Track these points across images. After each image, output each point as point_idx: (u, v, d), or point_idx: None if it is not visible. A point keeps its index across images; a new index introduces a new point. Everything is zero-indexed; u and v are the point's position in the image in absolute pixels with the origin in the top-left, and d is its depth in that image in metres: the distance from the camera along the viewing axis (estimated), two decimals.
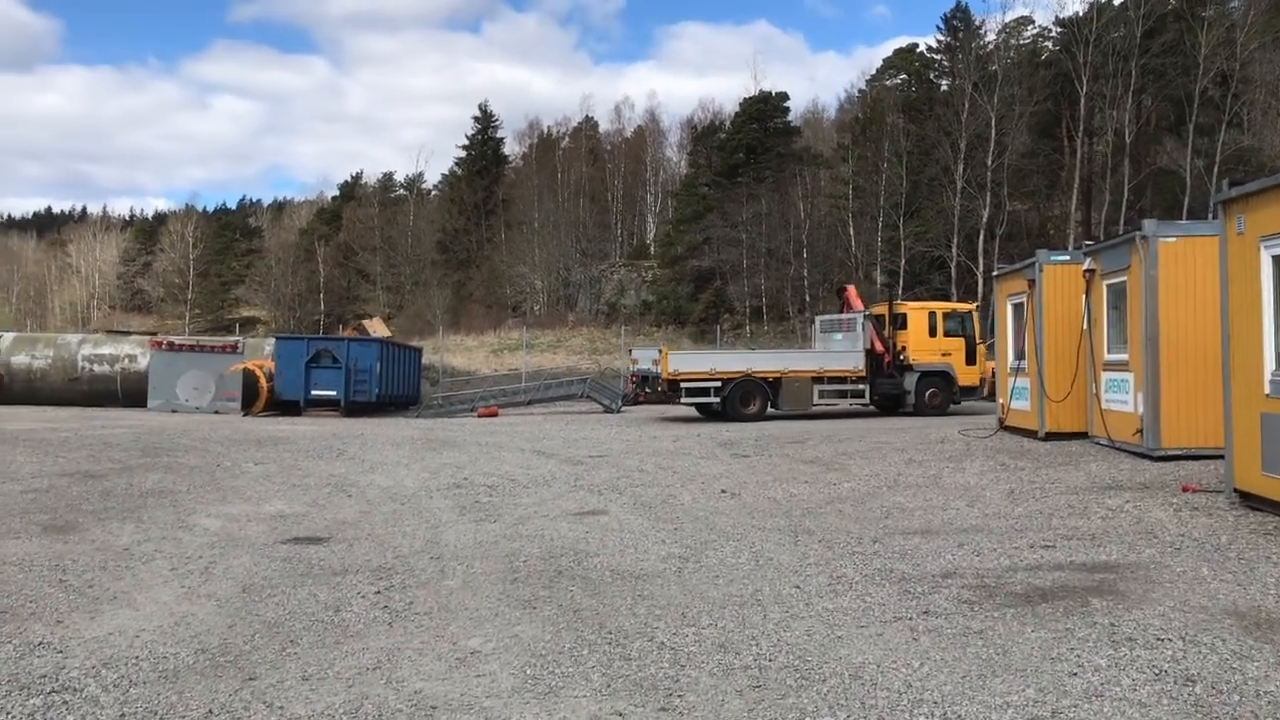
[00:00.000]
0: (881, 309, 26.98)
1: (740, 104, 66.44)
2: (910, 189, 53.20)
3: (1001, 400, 19.48)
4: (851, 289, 27.75)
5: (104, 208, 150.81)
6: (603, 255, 70.50)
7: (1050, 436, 16.65)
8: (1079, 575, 7.53)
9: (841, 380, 25.26)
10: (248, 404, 27.69)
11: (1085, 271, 16.14)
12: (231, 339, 32.87)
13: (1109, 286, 15.60)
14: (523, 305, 69.23)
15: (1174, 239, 13.67)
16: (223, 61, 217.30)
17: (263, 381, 27.84)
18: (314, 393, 27.62)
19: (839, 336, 26.74)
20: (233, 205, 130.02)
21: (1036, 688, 5.08)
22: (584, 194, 75.04)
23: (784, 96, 65.70)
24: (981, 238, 49.49)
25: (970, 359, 26.23)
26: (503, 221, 75.49)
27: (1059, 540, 8.91)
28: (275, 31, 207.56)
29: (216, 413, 27.68)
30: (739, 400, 24.54)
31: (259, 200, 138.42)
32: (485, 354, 49.90)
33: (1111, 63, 47.52)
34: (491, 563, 8.38)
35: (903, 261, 51.98)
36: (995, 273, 20.27)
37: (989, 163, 49.40)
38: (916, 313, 26.76)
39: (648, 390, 25.87)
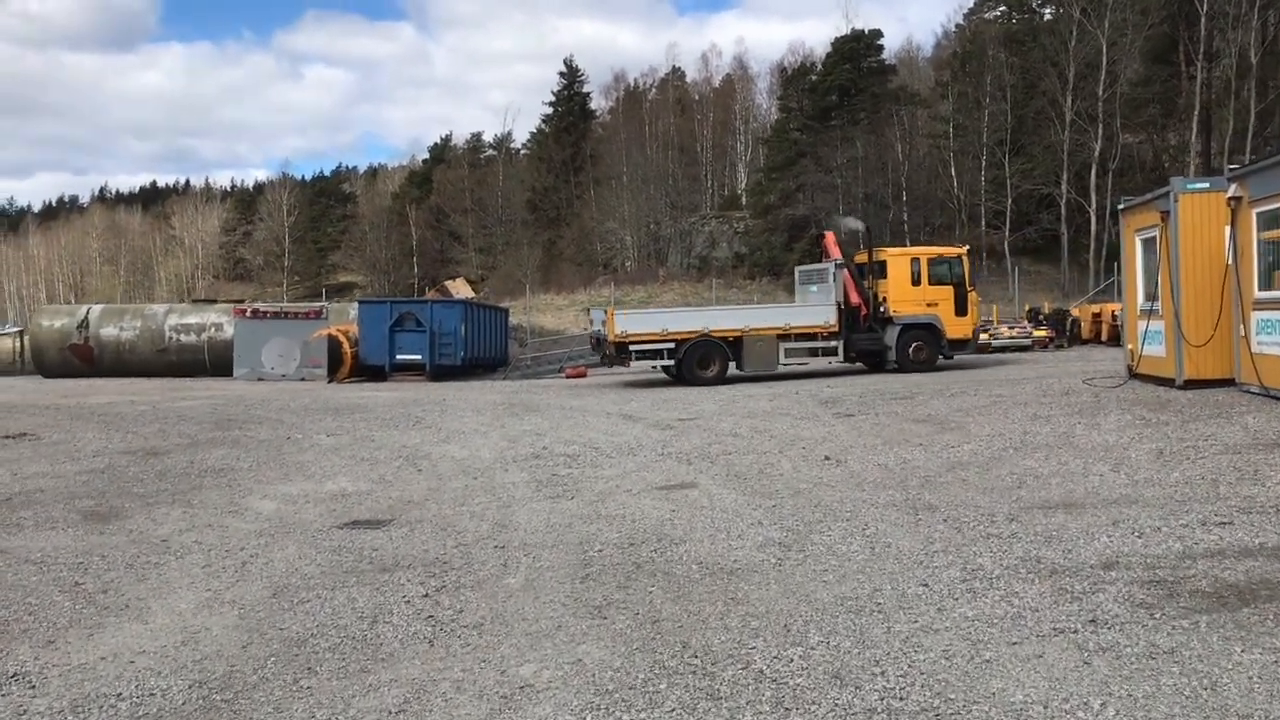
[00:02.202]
0: (863, 257, 24.58)
1: (832, 44, 63.91)
2: (1015, 124, 50.48)
3: (1130, 346, 17.73)
4: (830, 236, 24.87)
5: (206, 180, 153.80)
6: (693, 207, 68.87)
7: (1190, 384, 14.96)
8: (1278, 565, 6.09)
9: (811, 337, 22.96)
10: (332, 370, 27.15)
11: (1230, 199, 14.35)
12: (315, 305, 32.43)
13: (1259, 215, 13.80)
14: (613, 262, 68.12)
15: None
16: (313, 32, 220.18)
17: (346, 347, 27.24)
18: (398, 357, 26.90)
19: (814, 289, 24.35)
20: (329, 173, 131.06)
21: None
22: (672, 146, 73.37)
23: (878, 34, 62.96)
24: (1093, 173, 46.70)
25: (960, 309, 23.63)
26: (591, 178, 74.35)
27: (1235, 515, 7.43)
28: None
29: (302, 380, 27.23)
30: (696, 362, 22.49)
31: (354, 167, 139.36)
32: (575, 313, 48.96)
33: None
34: (562, 553, 7.26)
35: (1009, 201, 49.46)
36: (1121, 205, 18.35)
37: (1099, 93, 46.43)
38: (897, 259, 24.20)
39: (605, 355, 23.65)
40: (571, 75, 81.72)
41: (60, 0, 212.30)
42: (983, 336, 30.57)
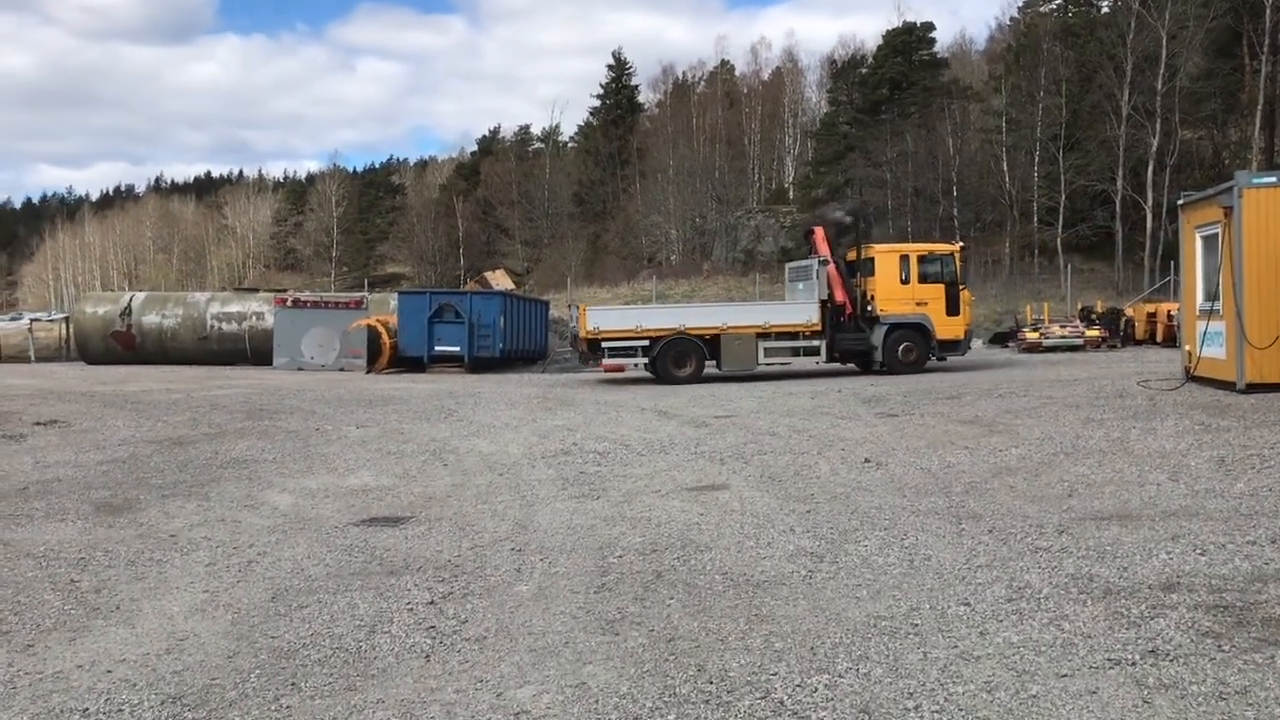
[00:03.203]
0: (858, 254, 23.34)
1: (883, 37, 62.96)
2: (1069, 119, 49.23)
3: (1188, 347, 17.01)
4: (819, 231, 23.41)
5: (259, 171, 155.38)
6: (739, 201, 68.15)
7: (1252, 388, 14.24)
8: None
9: (792, 336, 22.07)
10: (370, 361, 27.00)
11: None
12: (356, 295, 32.32)
13: None
14: (658, 255, 67.65)
15: None
16: (365, 25, 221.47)
17: (385, 338, 27.05)
18: (437, 349, 26.65)
19: (801, 286, 23.44)
20: (380, 166, 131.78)
21: None
22: (719, 139, 72.68)
23: (930, 26, 62.04)
24: (1150, 169, 45.40)
25: (952, 309, 22.46)
26: (637, 171, 73.93)
27: None
28: None
29: (341, 370, 27.10)
30: (671, 361, 21.72)
31: (404, 159, 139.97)
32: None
33: None
34: (580, 558, 6.87)
35: (1062, 197, 48.29)
36: (1181, 201, 17.60)
37: (1158, 87, 45.10)
38: (885, 256, 22.98)
39: (581, 353, 23.02)
40: (619, 68, 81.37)
41: None
42: (1033, 335, 29.81)
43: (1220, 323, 15.34)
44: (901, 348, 22.20)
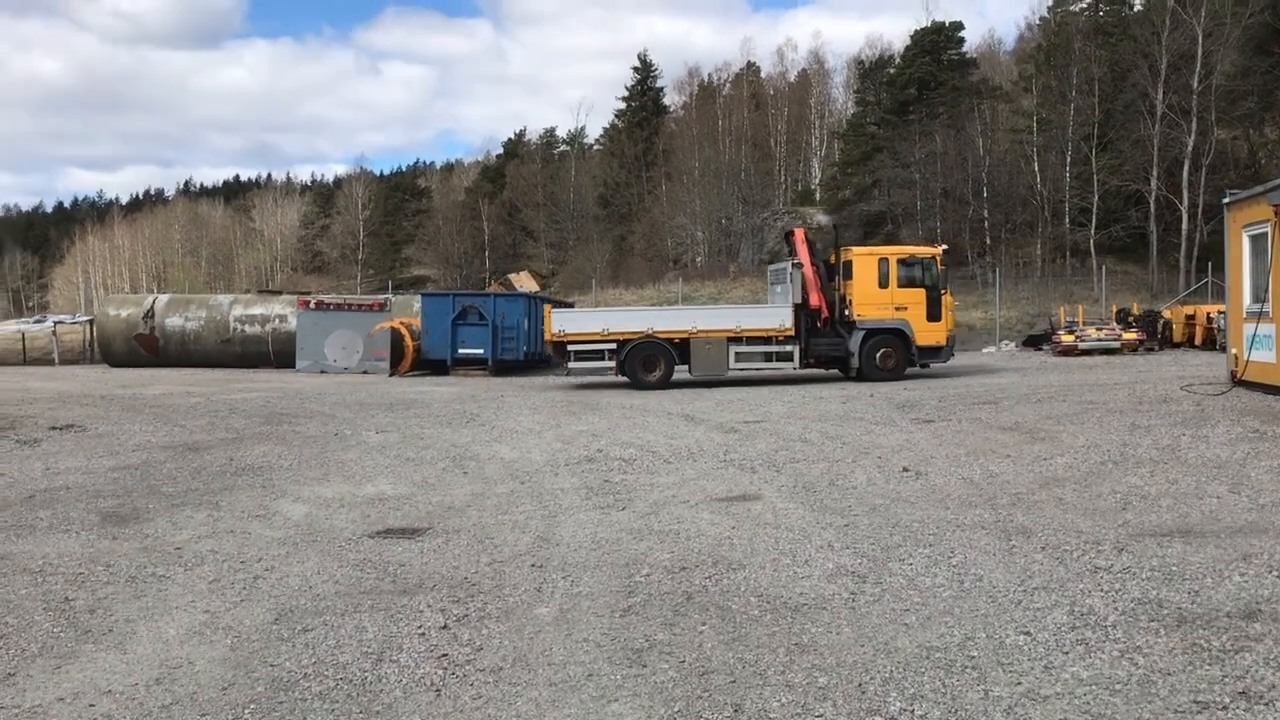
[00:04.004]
0: (837, 257, 22.54)
1: (911, 37, 62.21)
2: (1102, 119, 48.33)
3: (1234, 351, 16.45)
4: (800, 233, 22.68)
5: (287, 174, 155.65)
6: (765, 203, 67.52)
7: None
8: None
9: (765, 340, 21.41)
10: (393, 364, 26.69)
11: None
12: (380, 297, 32.05)
13: None
14: (683, 257, 67.08)
15: None
16: (392, 28, 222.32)
17: (408, 340, 26.74)
18: (460, 351, 26.28)
19: (779, 289, 22.72)
20: (406, 169, 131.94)
21: None
22: (745, 141, 72.05)
23: (958, 26, 61.19)
24: (1185, 169, 44.49)
25: (933, 314, 21.57)
26: (663, 173, 73.42)
27: None
28: None
29: (364, 373, 26.81)
30: (639, 365, 21.25)
31: (431, 163, 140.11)
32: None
33: None
34: (605, 575, 6.44)
35: (1095, 198, 47.39)
36: (1228, 199, 17.00)
37: (1194, 86, 44.22)
38: (863, 259, 22.05)
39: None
40: (645, 70, 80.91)
41: None
42: (1068, 338, 29.15)
43: (1270, 325, 14.78)
44: (879, 354, 21.44)
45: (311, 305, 28.49)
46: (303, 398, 19.33)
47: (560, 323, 21.64)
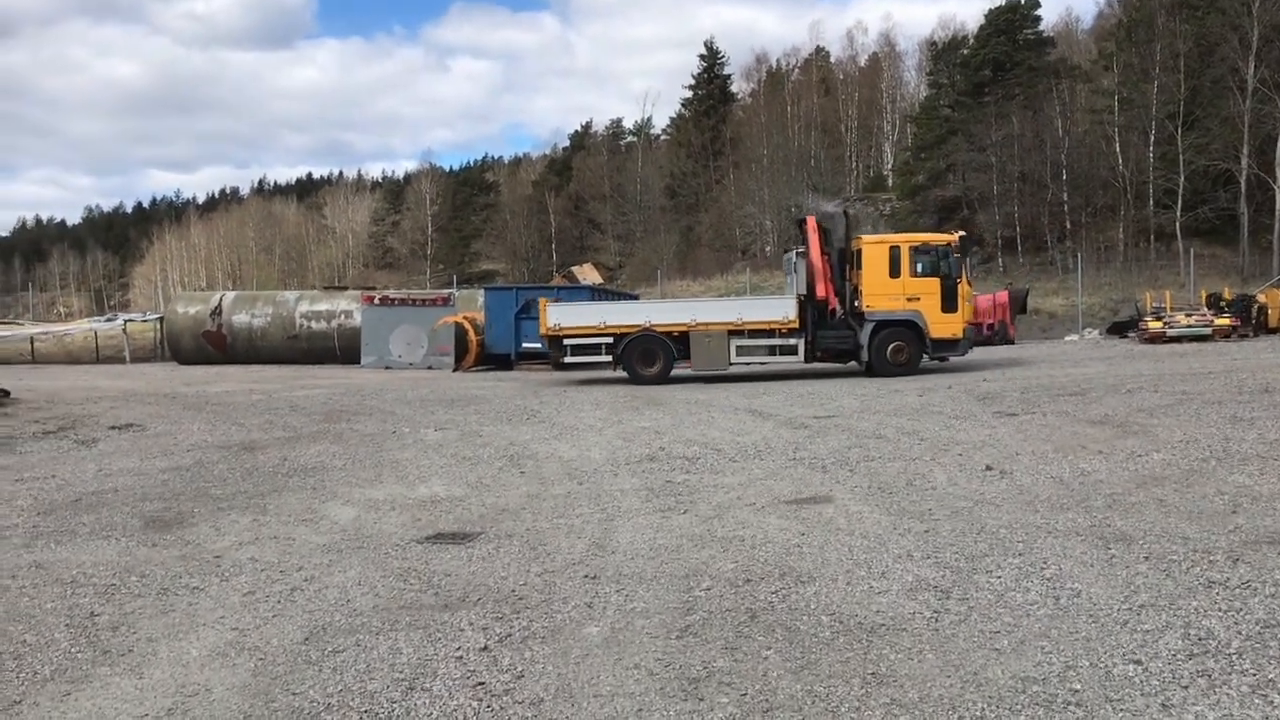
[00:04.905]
0: (847, 245, 21.61)
1: (985, 16, 60.56)
2: (1188, 96, 46.48)
3: None
4: (811, 221, 21.54)
5: (358, 171, 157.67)
6: (836, 190, 66.41)
7: None
8: None
9: (768, 334, 20.51)
10: (457, 359, 26.45)
11: None
12: (444, 291, 31.87)
13: None
14: (752, 247, 66.28)
15: None
16: (459, 25, 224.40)
17: (472, 335, 26.50)
18: (524, 345, 25.95)
19: (791, 279, 21.85)
20: (474, 164, 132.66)
21: None
22: (815, 127, 71.00)
23: (1034, 4, 59.30)
24: (1279, 146, 42.64)
25: (949, 305, 20.33)
26: (730, 162, 72.69)
27: None
28: None
29: (429, 368, 26.63)
30: (637, 358, 20.64)
31: (499, 157, 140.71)
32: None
33: None
34: (662, 589, 5.93)
35: (1181, 178, 45.63)
36: None
37: None
38: (873, 248, 21.03)
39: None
40: (712, 58, 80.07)
41: (223, 0, 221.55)
42: (1156, 325, 27.94)
43: None
44: (891, 347, 20.33)
45: (376, 301, 28.38)
46: (364, 394, 19.11)
47: (556, 316, 21.07)
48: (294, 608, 5.88)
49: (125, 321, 37.13)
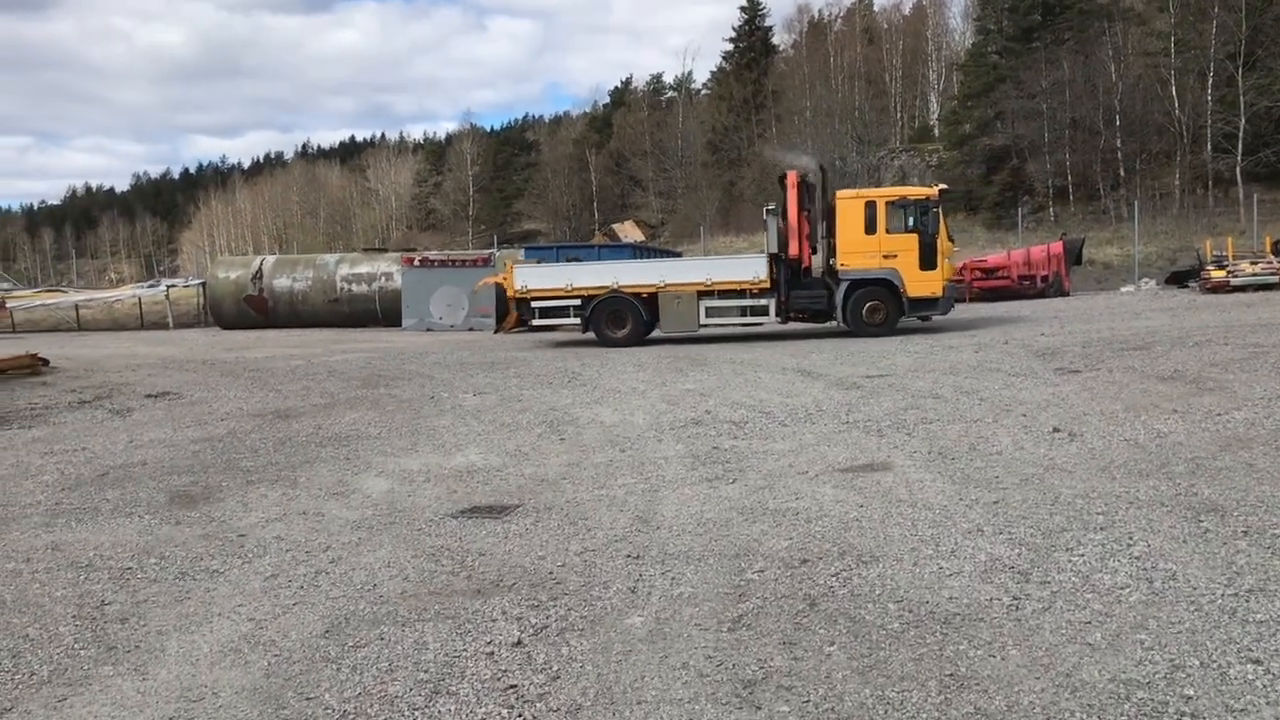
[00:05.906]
0: (823, 200, 20.65)
1: None
2: (1249, 35, 44.68)
3: None
4: (792, 176, 20.35)
5: (400, 134, 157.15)
6: (881, 141, 65.10)
7: None
8: None
9: (739, 294, 19.79)
10: (498, 320, 26.02)
11: None
12: (484, 252, 31.45)
13: None
14: None
15: None
16: None
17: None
18: None
19: (768, 237, 20.76)
20: (515, 123, 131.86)
21: None
22: (859, 78, 69.47)
23: None
24: None
25: (927, 262, 19.30)
26: (773, 115, 71.37)
27: None
28: None
29: (470, 330, 26.28)
30: (606, 321, 20.13)
31: (540, 117, 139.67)
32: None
33: None
34: (710, 571, 5.47)
35: (1242, 121, 44.00)
36: None
37: None
38: (848, 203, 19.96)
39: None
40: (753, 10, 78.48)
41: None
42: (1219, 274, 26.87)
43: None
44: (866, 307, 19.47)
45: (416, 263, 28.03)
46: (403, 358, 18.79)
47: (523, 278, 20.63)
48: (317, 594, 5.50)
49: (168, 287, 37.12)
